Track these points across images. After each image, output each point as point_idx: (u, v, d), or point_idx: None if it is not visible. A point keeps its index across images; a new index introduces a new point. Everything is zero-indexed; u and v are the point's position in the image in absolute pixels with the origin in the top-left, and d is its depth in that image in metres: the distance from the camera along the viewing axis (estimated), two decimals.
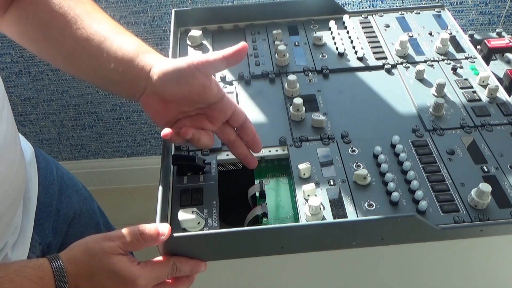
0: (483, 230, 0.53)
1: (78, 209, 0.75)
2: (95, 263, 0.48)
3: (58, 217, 0.70)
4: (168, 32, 1.24)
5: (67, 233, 0.73)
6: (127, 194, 1.63)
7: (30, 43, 0.61)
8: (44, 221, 0.67)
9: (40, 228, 0.66)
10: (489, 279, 0.63)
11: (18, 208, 0.61)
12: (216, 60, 0.53)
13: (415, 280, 0.62)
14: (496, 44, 0.82)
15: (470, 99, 0.69)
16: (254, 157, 0.62)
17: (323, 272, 0.60)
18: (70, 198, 0.74)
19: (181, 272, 0.52)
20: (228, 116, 0.58)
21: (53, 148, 1.52)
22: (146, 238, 0.49)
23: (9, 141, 0.56)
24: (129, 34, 0.59)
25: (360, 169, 0.59)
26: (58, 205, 0.71)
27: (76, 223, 0.75)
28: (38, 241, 0.65)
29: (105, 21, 0.59)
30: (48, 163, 0.72)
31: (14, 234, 0.60)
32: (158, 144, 1.54)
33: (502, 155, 0.61)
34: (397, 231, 0.53)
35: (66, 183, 0.75)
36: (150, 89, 0.56)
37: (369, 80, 0.74)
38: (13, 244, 0.60)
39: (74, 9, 0.57)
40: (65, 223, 0.72)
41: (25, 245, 0.62)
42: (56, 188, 0.71)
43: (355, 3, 1.20)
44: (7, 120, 0.56)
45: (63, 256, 0.49)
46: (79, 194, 0.77)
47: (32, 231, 0.64)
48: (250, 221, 0.59)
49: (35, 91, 1.36)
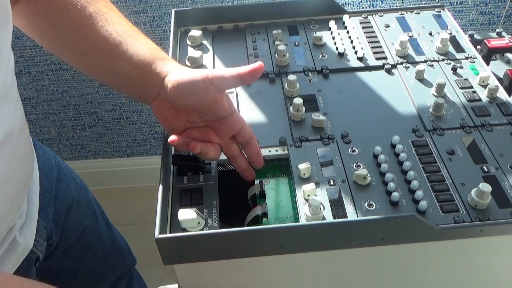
0: (483, 230, 0.53)
1: (75, 196, 0.76)
2: None
3: (57, 203, 0.71)
4: (168, 32, 1.24)
5: (65, 219, 0.73)
6: (127, 194, 1.63)
7: (40, 38, 0.61)
8: (47, 206, 0.68)
9: (44, 213, 0.67)
10: (489, 279, 0.63)
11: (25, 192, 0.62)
12: (231, 77, 0.54)
13: (415, 280, 0.62)
14: (496, 44, 0.82)
15: (470, 99, 0.69)
16: (253, 170, 0.62)
17: (323, 272, 0.60)
18: (68, 185, 0.75)
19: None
20: (236, 132, 0.59)
21: (53, 148, 1.52)
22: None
23: (23, 127, 0.57)
24: (144, 38, 0.59)
25: (360, 169, 0.59)
26: (57, 191, 0.71)
27: (74, 210, 0.75)
28: (44, 225, 0.66)
29: (120, 23, 0.58)
30: (45, 151, 0.73)
31: (21, 218, 0.61)
32: (158, 144, 1.54)
33: (502, 155, 0.61)
34: (397, 231, 0.53)
35: (64, 171, 0.75)
36: (162, 96, 0.57)
37: (369, 80, 0.74)
38: (20, 227, 0.60)
39: (88, 8, 0.57)
40: (64, 209, 0.73)
41: (32, 228, 0.63)
42: (55, 175, 0.72)
43: (355, 3, 1.20)
44: (21, 108, 0.57)
45: None
46: (75, 182, 0.78)
47: (37, 215, 0.65)
48: (250, 221, 0.59)
49: (35, 91, 1.36)
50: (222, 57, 0.80)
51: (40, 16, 0.57)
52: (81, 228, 0.77)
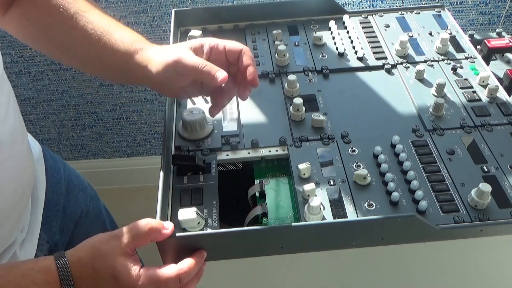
0: (483, 230, 0.53)
1: (85, 208, 0.76)
2: (99, 266, 0.47)
3: (65, 216, 0.71)
4: (168, 32, 1.24)
5: (73, 232, 0.73)
6: (127, 194, 1.63)
7: (32, 42, 0.63)
8: (52, 219, 0.67)
9: (48, 226, 0.66)
10: (489, 279, 0.63)
11: (27, 206, 0.61)
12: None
13: (415, 280, 0.62)
14: (496, 44, 0.81)
15: (470, 99, 0.69)
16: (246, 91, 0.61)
17: (323, 272, 0.60)
18: (77, 197, 0.75)
19: (189, 276, 0.51)
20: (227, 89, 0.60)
21: (53, 148, 1.52)
22: (152, 229, 0.49)
23: (17, 137, 0.56)
24: (124, 29, 0.62)
25: (360, 169, 0.59)
26: (65, 203, 0.71)
27: (83, 222, 0.75)
28: (46, 239, 0.65)
29: (99, 19, 0.60)
30: (55, 161, 0.72)
31: (23, 232, 0.61)
32: (158, 144, 1.54)
33: (502, 155, 0.61)
34: (397, 231, 0.53)
35: (73, 181, 0.75)
36: (150, 79, 0.59)
37: (369, 80, 0.74)
38: (21, 242, 0.60)
39: (70, 10, 0.59)
40: (72, 222, 0.72)
41: (33, 243, 0.63)
42: (64, 187, 0.72)
43: (355, 3, 1.20)
44: (13, 117, 0.56)
45: (69, 256, 0.48)
46: (85, 193, 0.78)
47: (40, 229, 0.64)
48: (250, 221, 0.59)
49: (35, 91, 1.36)
50: None
51: (30, 22, 0.60)
52: None
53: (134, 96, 1.38)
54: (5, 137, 0.53)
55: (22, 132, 0.59)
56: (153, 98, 1.39)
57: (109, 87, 1.36)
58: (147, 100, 1.39)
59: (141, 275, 0.48)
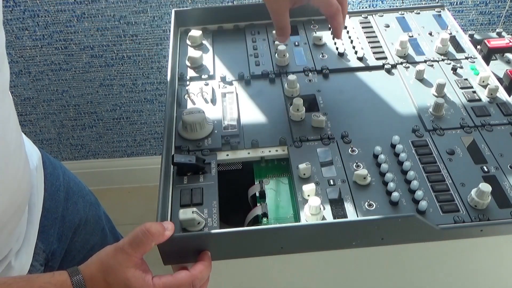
0: (483, 230, 0.53)
1: (84, 216, 0.75)
2: (112, 280, 0.47)
3: (64, 224, 0.70)
4: (168, 32, 1.24)
5: (72, 239, 0.72)
6: (127, 194, 1.63)
7: None
8: (49, 228, 0.67)
9: (45, 235, 0.65)
10: (489, 279, 0.63)
11: (23, 216, 0.60)
12: None
13: (415, 280, 0.62)
14: (496, 44, 0.81)
15: (470, 99, 0.69)
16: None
17: (323, 272, 0.60)
18: (76, 205, 0.74)
19: (202, 281, 0.51)
20: None
21: (53, 148, 1.52)
22: (153, 233, 0.49)
23: (15, 150, 0.55)
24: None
25: (360, 169, 0.59)
26: (64, 211, 0.70)
27: (82, 230, 0.75)
28: (42, 248, 0.64)
29: None
30: (55, 168, 0.71)
31: (18, 242, 0.60)
32: (158, 144, 1.54)
33: (502, 155, 0.61)
34: (397, 231, 0.53)
35: (73, 188, 0.74)
36: None
37: (369, 80, 0.74)
38: (16, 252, 0.59)
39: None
40: (71, 230, 0.72)
41: (29, 252, 0.62)
42: (62, 194, 0.71)
43: (355, 3, 1.20)
44: (13, 129, 0.55)
45: (82, 273, 0.48)
46: (85, 200, 0.77)
47: (36, 239, 0.63)
48: (250, 221, 0.59)
49: (35, 91, 1.36)
50: (222, 57, 0.80)
51: None
52: (88, 247, 0.76)
53: (134, 96, 1.38)
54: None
55: (20, 142, 0.58)
56: (153, 98, 1.39)
57: (109, 87, 1.36)
58: (147, 100, 1.39)
59: (154, 284, 0.48)
